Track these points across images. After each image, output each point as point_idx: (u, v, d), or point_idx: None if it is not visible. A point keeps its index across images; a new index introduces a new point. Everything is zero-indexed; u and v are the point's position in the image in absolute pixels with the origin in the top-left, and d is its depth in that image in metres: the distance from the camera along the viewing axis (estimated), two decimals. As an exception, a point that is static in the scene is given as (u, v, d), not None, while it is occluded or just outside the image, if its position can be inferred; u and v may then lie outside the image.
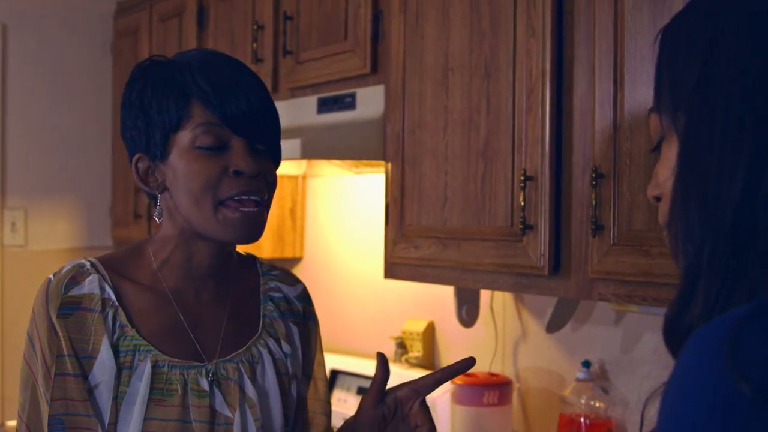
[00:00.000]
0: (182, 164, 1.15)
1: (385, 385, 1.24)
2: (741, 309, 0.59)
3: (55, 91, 3.39)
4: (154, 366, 1.16)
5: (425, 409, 1.22)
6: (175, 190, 1.17)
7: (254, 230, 1.18)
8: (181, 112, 1.14)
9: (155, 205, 1.22)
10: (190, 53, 1.21)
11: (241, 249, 1.33)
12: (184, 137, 1.15)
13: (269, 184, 1.19)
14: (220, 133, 1.14)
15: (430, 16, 1.89)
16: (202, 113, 1.14)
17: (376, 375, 1.24)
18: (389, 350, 2.54)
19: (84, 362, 1.14)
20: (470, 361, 1.21)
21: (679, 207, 0.68)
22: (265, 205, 1.19)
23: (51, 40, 3.38)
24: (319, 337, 1.38)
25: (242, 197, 1.15)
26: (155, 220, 1.22)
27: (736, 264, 0.63)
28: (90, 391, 1.14)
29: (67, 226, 3.43)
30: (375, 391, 1.23)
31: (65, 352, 1.13)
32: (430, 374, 1.23)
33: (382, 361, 1.24)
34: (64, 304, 1.15)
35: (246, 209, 1.15)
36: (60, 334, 1.14)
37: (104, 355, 1.15)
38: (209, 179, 1.14)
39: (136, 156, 1.20)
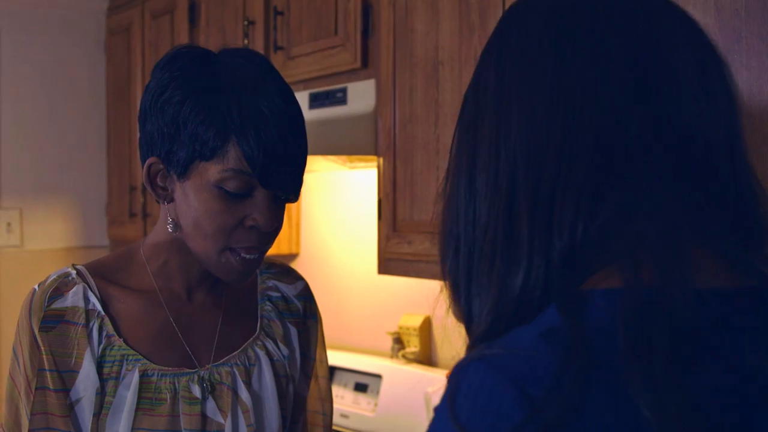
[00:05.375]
0: (201, 198, 1.09)
1: None
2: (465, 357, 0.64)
3: (48, 90, 3.38)
4: (143, 375, 1.13)
5: None
6: (183, 213, 1.12)
7: (247, 275, 1.15)
8: (216, 146, 1.07)
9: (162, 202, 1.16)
10: (240, 75, 1.09)
11: None
12: (211, 171, 1.07)
13: (277, 231, 1.15)
14: (248, 182, 1.08)
15: (419, 10, 1.87)
16: (237, 158, 1.06)
17: None
18: (386, 346, 2.54)
19: (66, 376, 1.11)
20: None
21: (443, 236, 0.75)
22: (266, 251, 1.16)
23: (44, 39, 3.37)
24: (321, 334, 1.35)
25: (251, 248, 1.12)
26: (151, 219, 1.20)
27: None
28: (71, 407, 1.11)
29: (62, 226, 3.41)
30: None
31: (47, 366, 1.11)
32: None
33: None
34: (47, 317, 1.12)
35: (248, 256, 1.12)
36: (42, 348, 1.11)
37: (87, 369, 1.12)
38: (224, 226, 1.09)
39: (152, 159, 1.12)
